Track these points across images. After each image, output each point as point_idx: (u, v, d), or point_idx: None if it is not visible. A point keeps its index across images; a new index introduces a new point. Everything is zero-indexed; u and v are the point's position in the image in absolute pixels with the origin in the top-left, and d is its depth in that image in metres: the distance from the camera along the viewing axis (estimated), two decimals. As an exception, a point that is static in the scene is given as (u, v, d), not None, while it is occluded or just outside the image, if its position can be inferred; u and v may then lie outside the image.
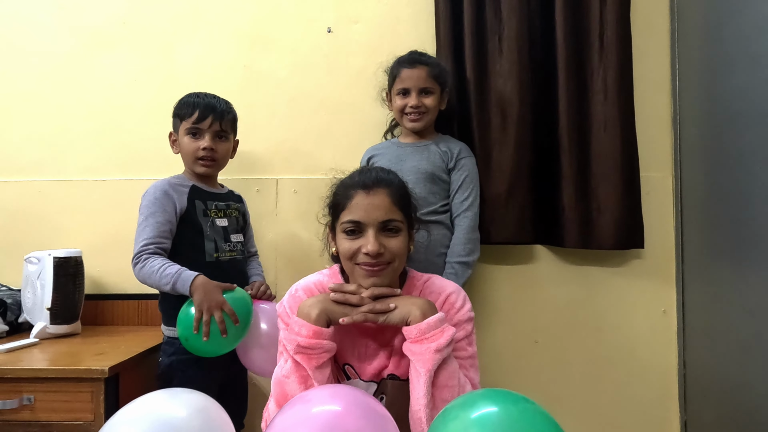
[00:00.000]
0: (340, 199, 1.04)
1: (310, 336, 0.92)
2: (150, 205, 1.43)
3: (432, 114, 1.60)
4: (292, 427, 0.68)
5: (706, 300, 1.68)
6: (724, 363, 1.58)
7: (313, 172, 1.86)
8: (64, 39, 1.92)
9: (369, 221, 0.99)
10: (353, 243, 0.99)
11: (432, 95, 1.57)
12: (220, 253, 1.50)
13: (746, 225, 1.48)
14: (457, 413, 0.68)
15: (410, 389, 0.95)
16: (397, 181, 1.06)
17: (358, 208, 1.00)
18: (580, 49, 1.74)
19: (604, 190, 1.71)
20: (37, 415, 1.29)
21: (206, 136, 1.48)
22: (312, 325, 0.93)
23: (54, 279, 1.60)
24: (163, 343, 1.47)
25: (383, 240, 0.98)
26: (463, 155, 1.62)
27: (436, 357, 0.91)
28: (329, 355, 0.94)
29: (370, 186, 1.01)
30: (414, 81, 1.55)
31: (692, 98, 1.75)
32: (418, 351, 0.91)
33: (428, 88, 1.56)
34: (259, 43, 1.90)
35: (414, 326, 0.92)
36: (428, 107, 1.57)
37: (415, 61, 1.57)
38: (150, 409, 0.73)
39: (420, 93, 1.56)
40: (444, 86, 1.61)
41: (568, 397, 1.80)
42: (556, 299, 1.82)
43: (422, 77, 1.55)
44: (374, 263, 0.97)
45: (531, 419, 0.67)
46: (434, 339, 0.91)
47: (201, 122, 1.48)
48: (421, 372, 0.91)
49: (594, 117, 1.73)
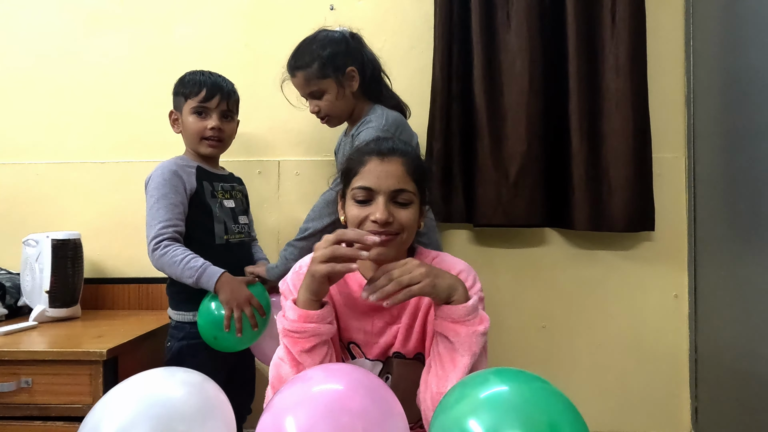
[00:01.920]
0: (353, 164, 0.99)
1: (295, 320, 0.87)
2: (160, 186, 1.37)
3: (334, 110, 1.44)
4: (292, 407, 0.65)
5: (718, 284, 1.64)
6: (737, 348, 1.54)
7: (316, 154, 1.82)
8: (62, 19, 1.88)
9: (380, 188, 0.94)
10: (362, 210, 0.95)
11: (323, 95, 1.42)
12: (229, 235, 1.46)
13: (761, 208, 1.43)
14: (467, 392, 0.65)
15: (435, 369, 0.89)
16: (413, 153, 1.02)
17: (370, 175, 0.95)
18: (592, 24, 1.68)
19: (615, 170, 1.66)
20: (35, 398, 1.27)
21: (213, 116, 1.43)
22: (298, 308, 0.88)
23: (52, 261, 1.57)
24: (171, 328, 1.43)
25: (393, 210, 0.94)
26: (362, 128, 1.37)
27: (482, 340, 0.87)
28: (319, 339, 0.88)
29: (385, 153, 0.97)
30: (299, 90, 1.45)
31: (707, 76, 1.70)
32: (465, 333, 0.86)
33: (314, 91, 1.42)
34: (260, 21, 1.85)
35: (461, 306, 0.86)
36: (325, 110, 1.43)
37: (292, 68, 1.44)
38: (146, 386, 0.70)
39: (311, 98, 1.44)
40: (337, 74, 1.40)
41: (577, 382, 1.76)
42: (565, 283, 1.78)
43: (302, 84, 1.43)
44: (381, 232, 0.93)
45: (544, 399, 0.63)
46: (481, 321, 0.87)
47: (208, 101, 1.42)
48: (466, 355, 0.85)
49: (605, 95, 1.67)
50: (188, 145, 1.50)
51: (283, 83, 1.52)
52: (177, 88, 1.48)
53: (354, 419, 0.62)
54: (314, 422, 0.61)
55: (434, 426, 0.66)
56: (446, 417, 0.63)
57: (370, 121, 1.37)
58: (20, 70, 1.88)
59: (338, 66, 1.39)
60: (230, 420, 0.73)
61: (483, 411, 0.61)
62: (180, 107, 1.47)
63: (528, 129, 1.66)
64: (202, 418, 0.69)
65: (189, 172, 1.43)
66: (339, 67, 1.40)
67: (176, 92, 1.48)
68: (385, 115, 1.38)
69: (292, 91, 1.51)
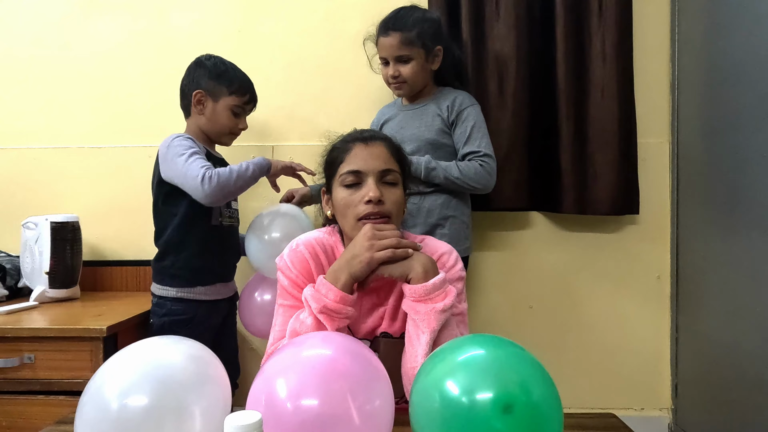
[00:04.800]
0: (338, 153, 1.04)
1: (337, 300, 0.92)
2: (190, 146, 1.38)
3: (414, 80, 1.50)
4: (283, 370, 0.69)
5: (700, 266, 1.69)
6: (716, 327, 1.60)
7: (310, 139, 1.86)
8: (59, 5, 1.89)
9: (369, 170, 0.99)
10: (353, 195, 0.99)
11: (410, 62, 1.47)
12: (223, 218, 1.52)
13: (740, 191, 1.48)
14: (444, 356, 0.70)
15: (407, 347, 0.96)
16: (391, 138, 1.08)
17: (357, 158, 1.00)
18: (579, 12, 1.72)
19: (601, 155, 1.71)
20: (37, 373, 1.32)
21: (244, 118, 1.54)
22: (339, 291, 0.93)
23: (52, 243, 1.61)
24: (153, 305, 1.47)
25: (383, 190, 0.99)
26: (464, 105, 1.50)
27: (441, 317, 0.92)
28: (349, 321, 0.96)
29: (368, 138, 1.03)
30: (387, 50, 1.47)
31: (691, 64, 1.74)
32: (423, 310, 0.92)
33: (404, 56, 1.46)
34: (254, 7, 1.87)
35: (420, 286, 0.92)
36: (405, 76, 1.48)
37: (388, 29, 1.47)
38: (146, 353, 0.74)
39: (396, 62, 1.48)
40: (428, 47, 1.48)
41: (563, 361, 1.82)
42: (552, 265, 1.83)
43: (395, 45, 1.46)
44: (376, 212, 0.98)
45: (517, 362, 0.68)
46: (440, 299, 0.92)
47: (248, 105, 1.53)
48: (426, 331, 0.91)
49: (592, 82, 1.72)
50: (208, 131, 1.51)
51: (365, 42, 1.58)
52: (220, 77, 1.48)
53: (341, 380, 0.67)
54: (304, 383, 0.66)
55: (415, 388, 0.70)
56: (426, 379, 0.68)
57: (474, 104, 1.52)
58: (18, 57, 1.90)
59: (432, 41, 1.48)
60: (226, 385, 0.77)
61: (459, 372, 0.66)
62: (216, 96, 1.48)
63: (515, 114, 1.70)
64: (200, 383, 0.73)
65: (201, 148, 1.45)
66: (432, 42, 1.48)
67: (217, 79, 1.47)
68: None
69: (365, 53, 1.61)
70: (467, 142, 1.48)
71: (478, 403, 0.62)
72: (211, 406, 0.69)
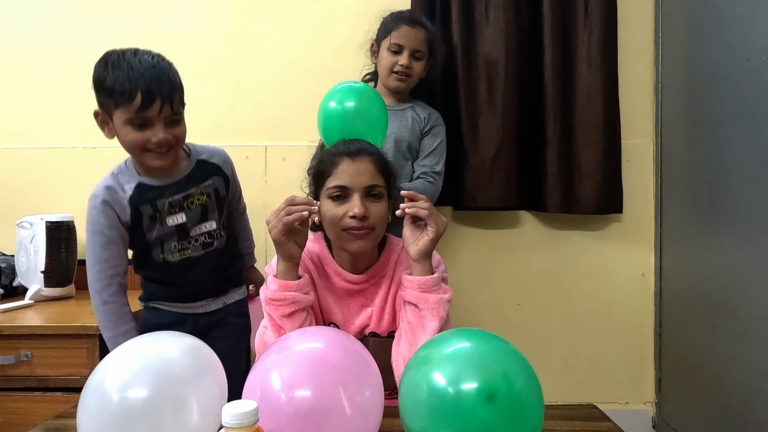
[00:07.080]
0: (325, 166, 1.07)
1: (276, 289, 0.98)
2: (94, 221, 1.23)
3: (416, 78, 1.58)
4: (276, 364, 0.72)
5: (682, 264, 1.74)
6: (698, 324, 1.64)
7: (302, 140, 1.88)
8: (52, 4, 1.90)
9: (354, 186, 1.03)
10: (339, 208, 1.03)
11: (421, 60, 1.56)
12: (168, 254, 1.23)
13: (722, 190, 1.53)
14: (432, 349, 0.73)
15: (407, 336, 1.00)
16: (378, 152, 1.12)
17: (344, 174, 1.03)
18: (566, 17, 1.76)
19: (587, 156, 1.75)
20: (34, 371, 1.34)
21: (156, 126, 1.12)
22: (278, 279, 0.99)
23: (47, 243, 1.63)
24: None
25: (368, 204, 1.03)
26: (438, 122, 1.62)
27: (448, 306, 1.00)
28: (297, 306, 0.99)
29: (355, 153, 1.05)
30: (410, 41, 1.53)
31: (674, 67, 1.78)
32: (432, 300, 0.98)
33: (421, 52, 1.55)
34: (247, 9, 1.90)
35: (430, 278, 0.99)
36: (415, 71, 1.56)
37: (417, 21, 1.55)
38: (145, 347, 0.77)
39: (412, 54, 1.54)
40: (433, 54, 1.60)
41: (550, 357, 1.87)
42: (539, 263, 1.88)
43: (420, 39, 1.54)
44: (360, 227, 1.01)
45: (500, 354, 0.72)
46: (444, 290, 1.00)
47: (146, 110, 1.10)
48: (435, 319, 0.98)
49: (578, 85, 1.76)
50: (132, 155, 1.21)
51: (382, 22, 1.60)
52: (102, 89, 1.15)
53: (333, 372, 0.70)
54: (298, 375, 0.70)
55: (404, 380, 0.74)
56: (414, 371, 0.72)
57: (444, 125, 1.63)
58: (12, 57, 1.91)
59: (435, 50, 1.60)
60: (222, 379, 0.80)
61: (446, 364, 0.69)
62: (110, 111, 1.14)
63: (504, 116, 1.74)
64: (198, 375, 0.76)
65: (122, 202, 1.21)
66: (435, 52, 1.60)
67: (100, 92, 1.15)
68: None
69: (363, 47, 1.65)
70: (430, 155, 1.58)
71: (463, 393, 0.65)
72: (208, 398, 0.72)
